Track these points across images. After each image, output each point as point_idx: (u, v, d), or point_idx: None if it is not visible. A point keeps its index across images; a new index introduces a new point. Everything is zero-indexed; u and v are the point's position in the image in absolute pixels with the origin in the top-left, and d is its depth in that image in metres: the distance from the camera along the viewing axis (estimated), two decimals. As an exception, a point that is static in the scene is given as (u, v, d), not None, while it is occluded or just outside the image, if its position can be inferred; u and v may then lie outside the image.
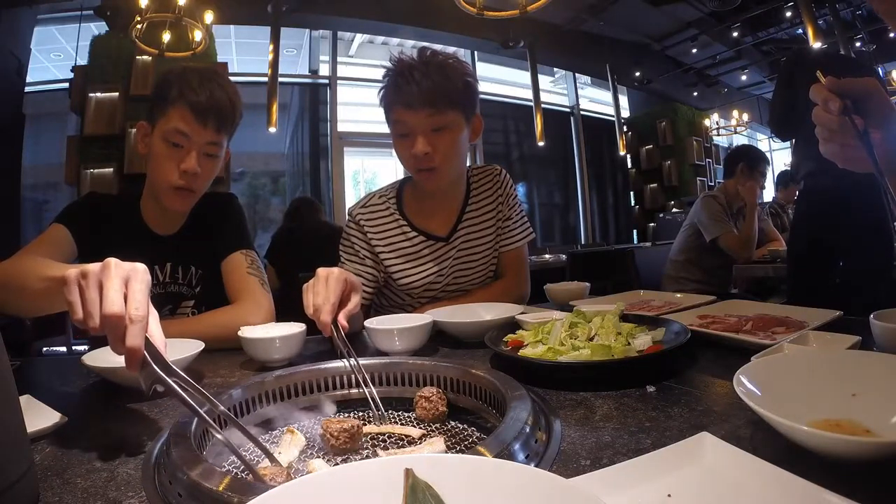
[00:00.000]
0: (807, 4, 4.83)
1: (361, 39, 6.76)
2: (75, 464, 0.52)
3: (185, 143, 1.10)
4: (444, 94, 1.14)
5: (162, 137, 1.10)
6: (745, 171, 2.65)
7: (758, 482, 0.37)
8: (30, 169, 4.56)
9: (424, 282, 1.28)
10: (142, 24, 3.22)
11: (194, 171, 1.10)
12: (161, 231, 1.22)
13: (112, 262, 0.54)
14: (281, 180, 6.25)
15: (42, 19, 4.72)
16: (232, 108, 1.15)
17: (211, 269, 1.22)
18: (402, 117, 1.16)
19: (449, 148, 1.18)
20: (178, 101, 1.08)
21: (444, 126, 1.16)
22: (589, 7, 6.16)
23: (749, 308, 1.01)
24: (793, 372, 0.54)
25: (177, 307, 1.22)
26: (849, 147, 0.64)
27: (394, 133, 1.21)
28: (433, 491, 0.32)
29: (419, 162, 1.17)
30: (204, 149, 1.12)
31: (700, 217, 2.65)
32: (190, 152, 1.10)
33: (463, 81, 1.17)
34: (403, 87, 1.13)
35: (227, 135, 1.17)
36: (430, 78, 1.13)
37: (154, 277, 1.18)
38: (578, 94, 7.88)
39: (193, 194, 1.15)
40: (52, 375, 0.89)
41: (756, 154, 2.77)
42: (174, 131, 1.09)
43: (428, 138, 1.16)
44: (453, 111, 1.17)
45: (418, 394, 0.63)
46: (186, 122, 1.08)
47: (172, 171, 1.10)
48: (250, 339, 0.87)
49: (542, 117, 6.25)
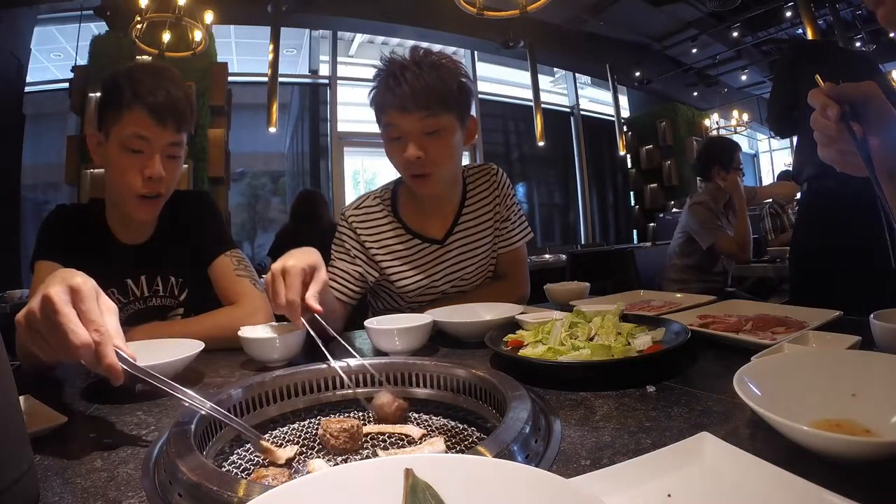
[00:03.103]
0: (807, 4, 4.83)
1: (361, 39, 6.77)
2: (75, 464, 0.52)
3: (146, 148, 1.03)
4: (438, 95, 1.10)
5: (120, 145, 1.03)
6: (721, 171, 2.61)
7: (758, 482, 0.37)
8: (30, 169, 4.57)
9: (420, 285, 1.26)
10: (142, 24, 3.22)
11: (160, 175, 1.04)
12: (130, 241, 1.15)
13: (52, 293, 0.53)
14: (281, 180, 6.25)
15: (42, 19, 4.74)
16: (189, 105, 1.08)
17: (193, 274, 1.17)
18: (394, 120, 1.12)
19: (442, 152, 1.14)
20: (133, 103, 1.01)
21: (438, 129, 1.12)
22: (589, 7, 6.17)
23: (749, 308, 1.01)
24: (793, 372, 0.54)
25: (165, 317, 1.17)
26: (847, 153, 0.64)
27: (386, 136, 1.17)
28: (433, 491, 0.32)
29: (411, 167, 1.14)
30: (165, 150, 1.05)
31: (691, 226, 2.62)
32: (152, 157, 1.03)
33: (457, 82, 1.13)
34: (395, 89, 1.09)
35: (186, 133, 1.10)
36: (423, 79, 1.08)
37: (130, 293, 1.14)
38: (578, 94, 7.89)
39: (160, 199, 1.09)
40: (52, 375, 0.89)
41: (722, 150, 2.68)
42: (133, 137, 1.02)
43: (420, 142, 1.12)
44: (447, 114, 1.12)
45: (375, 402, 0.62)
46: (145, 126, 1.01)
47: (135, 179, 1.03)
48: (250, 339, 0.87)
49: (542, 117, 6.27)
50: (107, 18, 4.27)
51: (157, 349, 0.83)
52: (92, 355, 0.52)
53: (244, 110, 5.15)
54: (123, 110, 1.02)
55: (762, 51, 7.47)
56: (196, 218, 1.21)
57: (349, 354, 0.71)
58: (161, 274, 1.17)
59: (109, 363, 0.52)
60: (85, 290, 0.54)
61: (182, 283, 1.19)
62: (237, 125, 4.81)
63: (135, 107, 1.01)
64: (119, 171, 1.04)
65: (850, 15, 5.91)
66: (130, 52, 3.94)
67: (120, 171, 1.04)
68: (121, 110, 1.02)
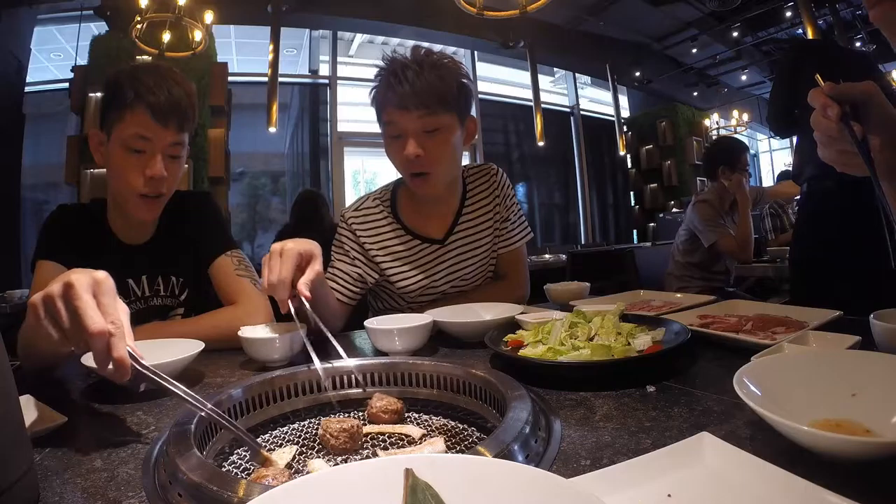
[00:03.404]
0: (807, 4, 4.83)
1: (361, 39, 6.76)
2: (75, 464, 0.52)
3: (148, 148, 1.04)
4: (438, 95, 1.11)
5: (122, 145, 1.03)
6: (727, 171, 2.62)
7: (758, 482, 0.37)
8: (30, 169, 4.56)
9: (420, 285, 1.27)
10: (142, 24, 3.22)
11: (161, 176, 1.04)
12: (132, 241, 1.15)
13: (74, 279, 0.54)
14: (281, 180, 6.25)
15: (42, 19, 4.73)
16: (191, 105, 1.08)
17: (194, 274, 1.17)
18: (394, 118, 1.13)
19: (441, 151, 1.15)
20: (135, 103, 1.01)
21: (437, 128, 1.13)
22: (589, 7, 6.17)
23: (749, 308, 1.01)
24: (793, 372, 0.54)
25: (165, 317, 1.17)
26: (847, 153, 0.64)
27: (386, 135, 1.19)
28: (433, 491, 0.32)
29: (411, 165, 1.14)
30: (167, 150, 1.06)
31: (694, 223, 2.64)
32: (154, 156, 1.04)
33: (458, 82, 1.15)
34: (396, 87, 1.10)
35: (188, 133, 1.10)
36: (424, 78, 1.10)
37: (131, 293, 1.14)
38: (578, 94, 7.89)
39: (161, 199, 1.10)
40: (52, 375, 0.89)
41: (730, 151, 2.69)
42: (135, 137, 1.02)
43: (420, 140, 1.13)
44: (447, 113, 1.14)
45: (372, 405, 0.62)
46: (146, 126, 1.02)
47: (136, 179, 1.04)
48: (250, 339, 0.87)
49: (542, 117, 6.26)
50: (107, 18, 4.26)
51: (157, 349, 0.83)
52: (105, 345, 0.52)
53: (244, 110, 5.15)
54: (126, 110, 1.02)
55: (762, 51, 7.47)
56: (197, 218, 1.22)
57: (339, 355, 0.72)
58: (162, 274, 1.17)
59: (120, 356, 0.52)
60: (107, 284, 0.56)
61: (183, 283, 1.19)
62: (237, 125, 4.81)
63: (137, 107, 1.02)
64: (121, 170, 1.05)
65: (851, 15, 5.90)
66: (130, 52, 3.94)
67: (121, 170, 1.05)
68: (123, 110, 1.02)
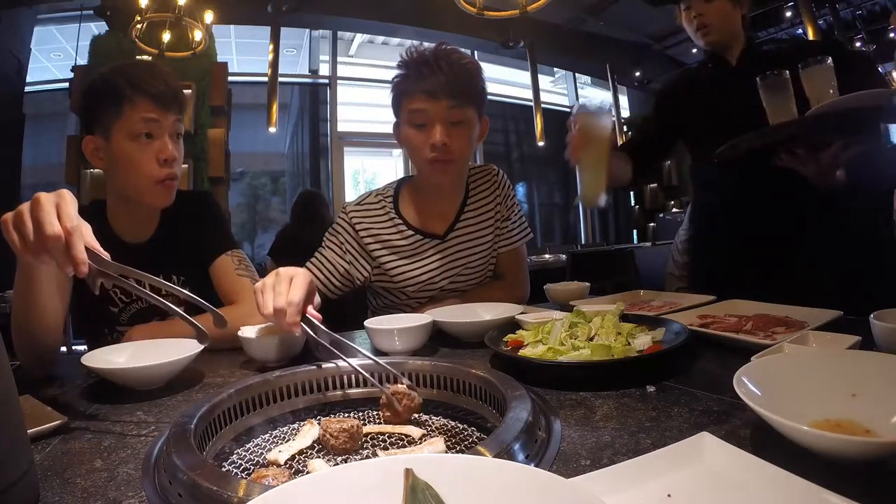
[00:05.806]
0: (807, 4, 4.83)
1: (361, 39, 6.76)
2: (75, 464, 0.52)
3: (157, 130, 1.07)
4: (467, 89, 1.16)
5: (129, 136, 1.05)
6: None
7: (758, 482, 0.37)
8: (30, 169, 4.56)
9: (421, 279, 1.27)
10: (142, 24, 3.22)
11: (174, 155, 1.08)
12: (133, 239, 1.16)
13: (41, 194, 0.62)
14: (281, 180, 6.24)
15: (42, 19, 4.73)
16: (183, 94, 1.13)
17: (194, 273, 1.18)
18: (423, 105, 1.15)
19: (464, 143, 1.19)
20: (135, 96, 1.04)
21: (461, 120, 1.18)
22: (589, 7, 6.16)
23: (749, 308, 1.01)
24: (793, 372, 0.54)
25: (165, 316, 1.16)
26: None
27: (409, 122, 1.20)
28: (433, 491, 0.32)
29: (437, 152, 1.17)
30: (172, 130, 1.09)
31: None
32: (162, 138, 1.07)
33: (482, 81, 1.21)
34: (428, 76, 1.14)
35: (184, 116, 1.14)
36: (454, 70, 1.14)
37: (131, 293, 1.12)
38: (578, 94, 7.88)
39: (175, 182, 1.12)
40: (52, 375, 0.89)
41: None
42: (142, 121, 1.05)
43: (446, 129, 1.16)
44: (470, 108, 1.19)
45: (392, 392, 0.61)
46: (151, 111, 1.05)
47: (150, 165, 1.06)
48: (250, 339, 0.87)
49: (542, 117, 6.26)
50: (107, 18, 4.26)
51: (157, 349, 0.84)
52: (62, 246, 0.59)
53: (244, 110, 5.14)
54: (124, 105, 1.04)
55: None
56: (198, 218, 1.23)
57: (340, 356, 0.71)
58: (163, 273, 1.16)
59: (75, 254, 0.60)
60: (69, 197, 0.64)
61: (183, 283, 1.19)
62: (237, 125, 4.80)
63: (137, 98, 1.04)
64: (132, 162, 1.06)
65: (850, 15, 5.90)
66: (130, 52, 3.93)
67: (133, 162, 1.06)
68: (121, 105, 1.04)
